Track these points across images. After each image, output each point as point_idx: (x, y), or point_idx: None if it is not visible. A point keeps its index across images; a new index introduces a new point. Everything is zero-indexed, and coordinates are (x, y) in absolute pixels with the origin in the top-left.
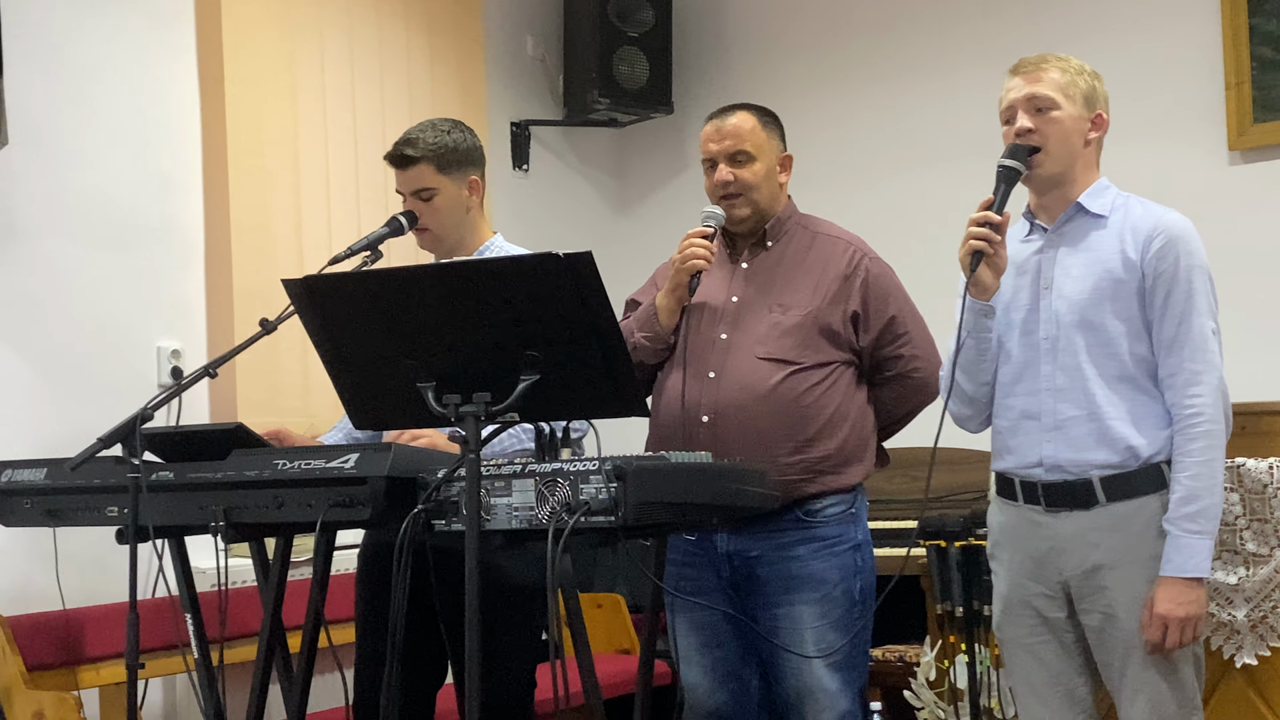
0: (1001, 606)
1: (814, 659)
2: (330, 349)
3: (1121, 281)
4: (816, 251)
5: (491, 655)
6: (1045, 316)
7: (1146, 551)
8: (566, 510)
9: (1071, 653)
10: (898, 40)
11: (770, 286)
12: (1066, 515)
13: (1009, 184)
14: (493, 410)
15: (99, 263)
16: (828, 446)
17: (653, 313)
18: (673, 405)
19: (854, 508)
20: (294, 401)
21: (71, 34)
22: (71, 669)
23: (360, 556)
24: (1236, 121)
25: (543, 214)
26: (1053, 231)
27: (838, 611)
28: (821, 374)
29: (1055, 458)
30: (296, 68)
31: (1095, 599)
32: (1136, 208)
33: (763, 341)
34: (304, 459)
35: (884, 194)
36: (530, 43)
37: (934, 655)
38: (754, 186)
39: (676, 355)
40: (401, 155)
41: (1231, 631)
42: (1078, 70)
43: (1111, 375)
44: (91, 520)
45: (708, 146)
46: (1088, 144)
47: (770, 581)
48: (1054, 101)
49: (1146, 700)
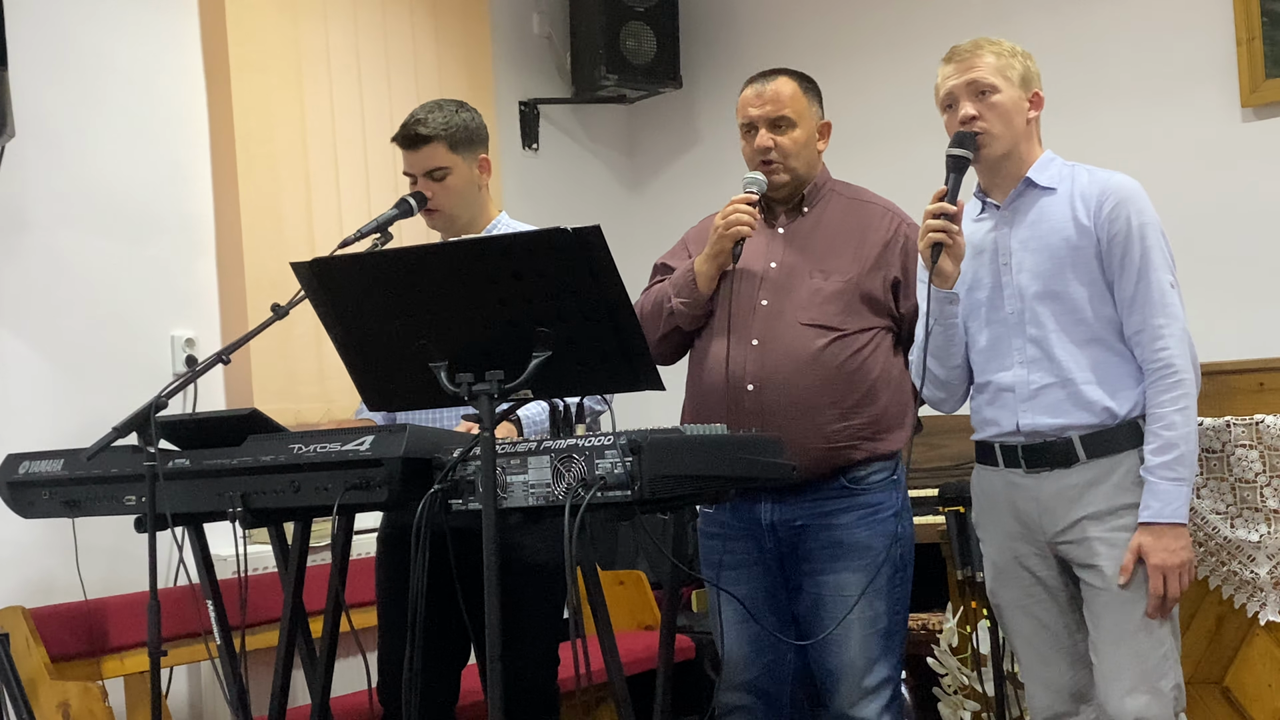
0: (993, 572)
1: (855, 627)
2: (341, 331)
3: (1078, 247)
4: (855, 217)
5: (513, 633)
6: (1009, 292)
7: (1124, 500)
8: (582, 486)
9: (1065, 610)
10: (908, 9)
11: (809, 252)
12: (1047, 474)
13: (960, 173)
14: (506, 388)
15: (110, 253)
16: (872, 412)
17: (691, 278)
18: (716, 373)
19: (896, 474)
20: (309, 386)
21: (76, 25)
22: (95, 659)
23: (379, 540)
24: (1249, 78)
25: (554, 192)
26: (1005, 208)
27: (881, 579)
28: (864, 340)
29: (1034, 424)
30: (302, 53)
31: (1079, 551)
32: (1083, 175)
33: (805, 307)
34: (319, 443)
35: (897, 164)
36: (536, 21)
37: (956, 622)
38: (793, 154)
39: (718, 322)
40: (415, 135)
41: (1255, 589)
42: (1010, 52)
43: (1081, 340)
44: (110, 510)
45: (747, 111)
46: (1028, 122)
47: (815, 550)
48: (993, 85)
49: (1128, 648)
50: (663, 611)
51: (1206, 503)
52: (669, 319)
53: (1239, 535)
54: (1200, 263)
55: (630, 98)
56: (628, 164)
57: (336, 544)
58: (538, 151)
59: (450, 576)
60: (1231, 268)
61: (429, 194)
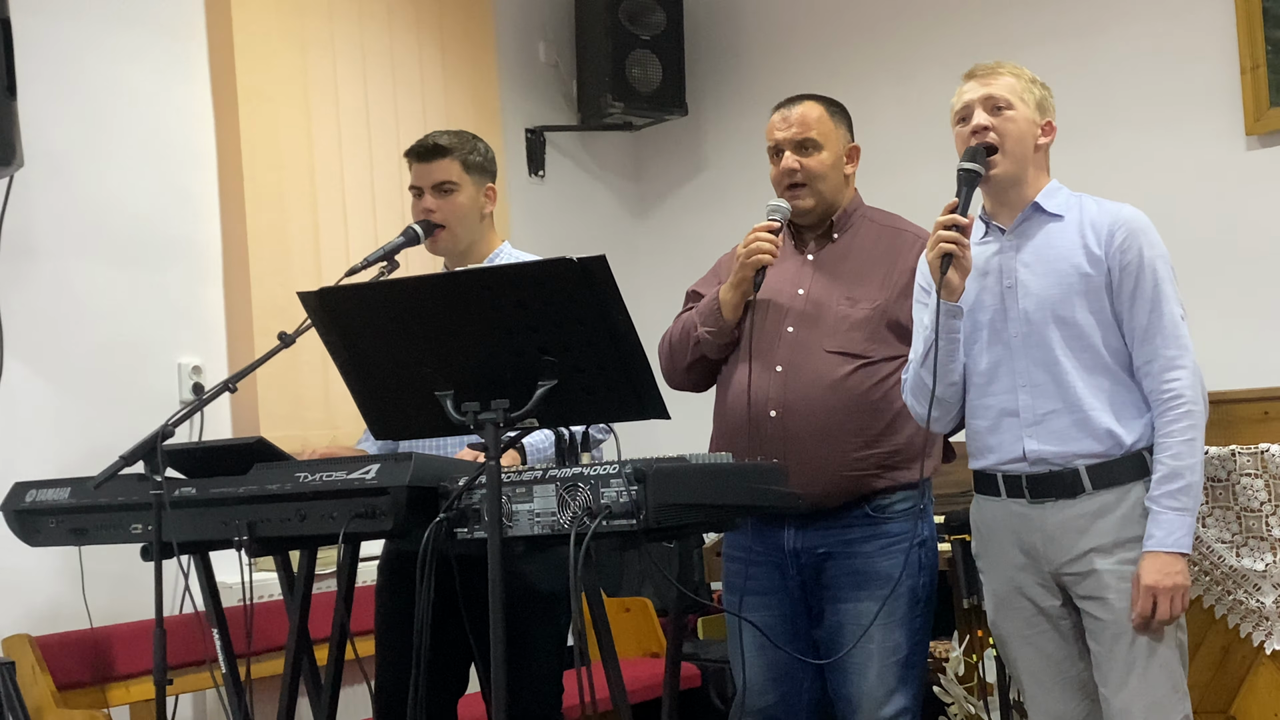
0: (994, 603)
1: (875, 656)
2: (348, 360)
3: (1088, 276)
4: (885, 244)
5: (516, 661)
6: (1014, 315)
7: (1131, 532)
8: (588, 514)
9: (1069, 640)
10: (913, 35)
11: (838, 279)
12: (1052, 505)
13: (970, 186)
14: (511, 416)
15: (117, 281)
16: (897, 441)
17: (716, 306)
18: (739, 400)
19: (922, 503)
20: (316, 414)
21: (84, 54)
22: (101, 687)
23: (379, 568)
24: (1253, 105)
25: (560, 219)
26: (1010, 232)
27: (902, 609)
28: (890, 368)
29: (1039, 451)
30: (309, 82)
31: (1085, 584)
32: (1091, 205)
33: (831, 335)
34: (325, 471)
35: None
36: (543, 49)
37: (962, 650)
38: (820, 175)
39: (742, 349)
40: (434, 146)
41: (1260, 618)
42: (1030, 79)
43: (1088, 366)
44: (116, 538)
45: (774, 134)
46: (1038, 149)
47: (838, 578)
48: (1009, 102)
49: (1138, 680)
50: (668, 639)
51: (1212, 531)
52: (695, 347)
53: (1244, 564)
54: (1205, 290)
55: (636, 125)
56: (634, 191)
57: (342, 572)
58: (544, 179)
59: (448, 605)
60: (1236, 296)
61: (434, 208)
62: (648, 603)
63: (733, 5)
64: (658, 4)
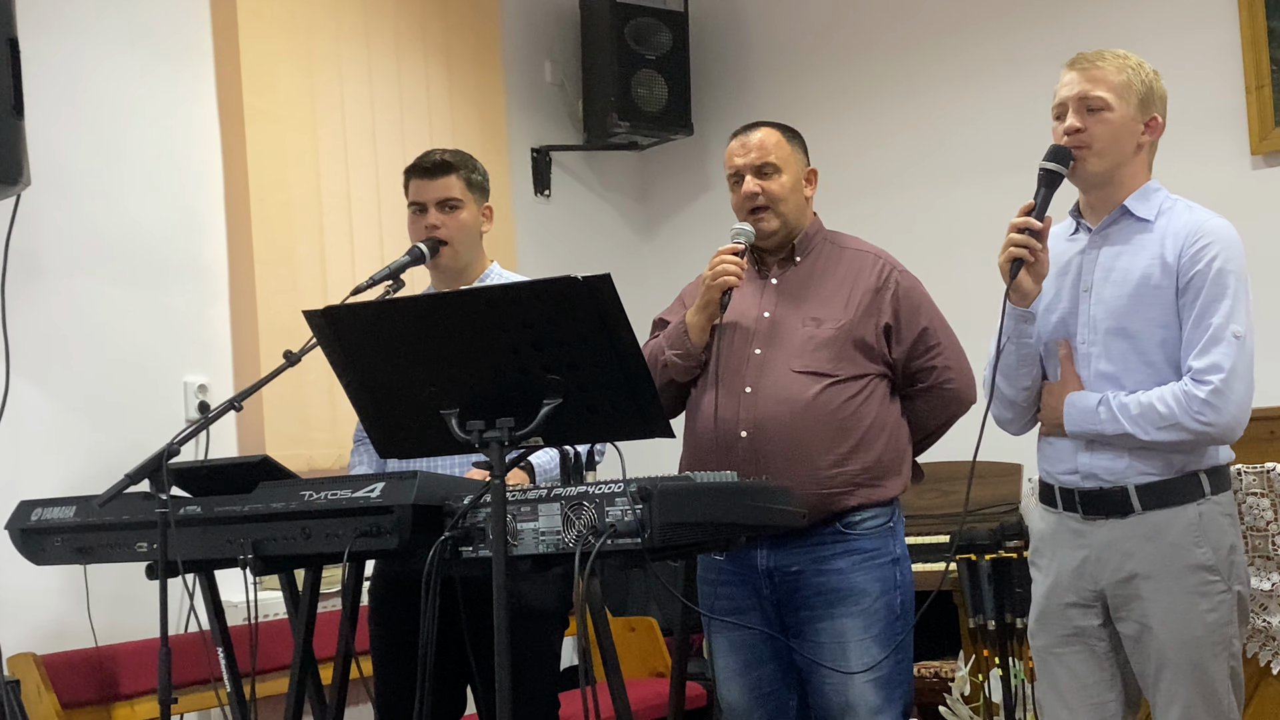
0: (1036, 613)
1: (857, 674)
2: (353, 379)
3: (1160, 288)
4: (846, 265)
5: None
6: (1083, 320)
7: (1182, 561)
8: (593, 533)
9: (1103, 663)
10: (918, 55)
11: (802, 301)
12: (1103, 523)
13: (1050, 188)
14: (516, 435)
15: (124, 300)
16: (866, 459)
17: (683, 330)
18: (708, 423)
19: (892, 521)
20: (322, 433)
21: (92, 74)
22: (106, 706)
23: (371, 592)
24: (1258, 125)
25: (566, 239)
26: (1097, 233)
27: (879, 625)
28: (857, 386)
29: (1090, 466)
30: (316, 102)
31: (1130, 608)
32: (1184, 212)
33: (798, 355)
34: (330, 489)
35: (909, 210)
36: (549, 69)
37: (968, 670)
38: (781, 199)
39: (710, 373)
40: (441, 162)
41: (1267, 638)
42: (1135, 68)
43: (1147, 383)
44: (121, 556)
45: (733, 161)
46: (1139, 148)
47: (811, 596)
48: (1106, 102)
49: (1180, 711)
50: (673, 658)
51: None
52: (664, 371)
53: (1252, 584)
54: None
55: (642, 144)
56: (640, 210)
57: (347, 590)
58: (550, 198)
59: (446, 625)
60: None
61: (439, 224)
62: (653, 622)
63: (738, 26)
64: (663, 24)
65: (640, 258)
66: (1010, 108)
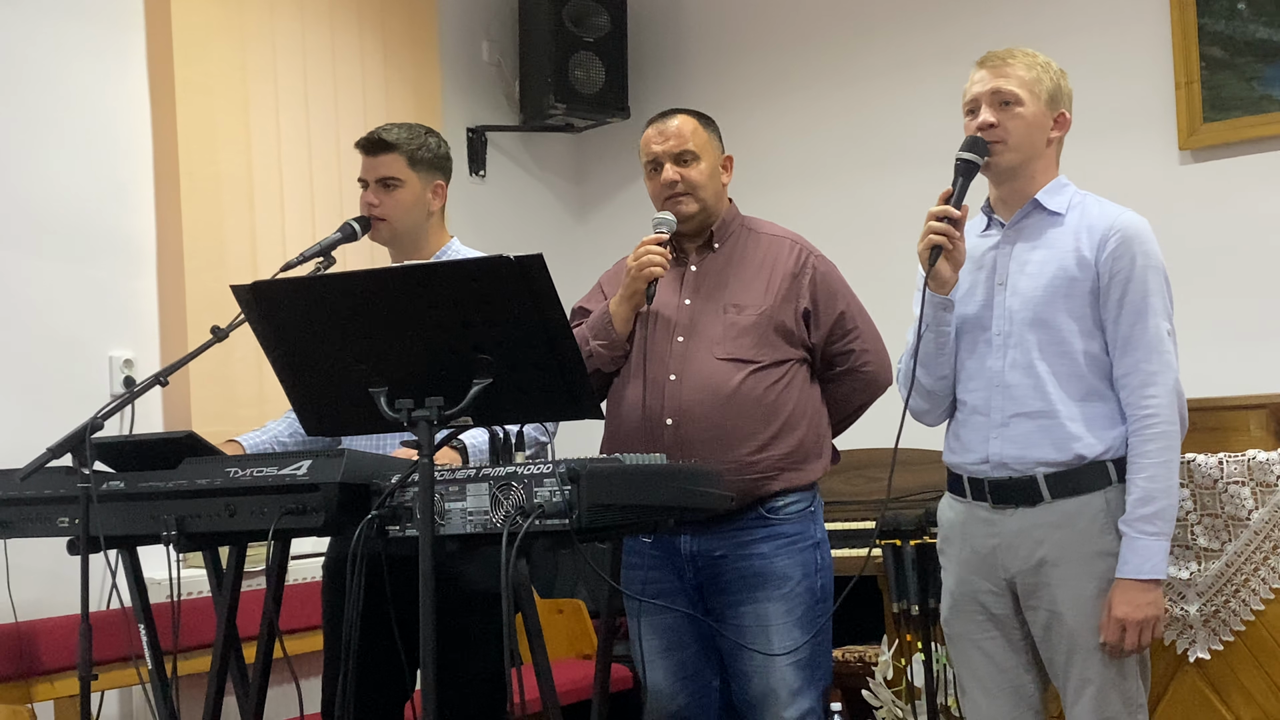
0: (950, 602)
1: (777, 657)
2: (281, 355)
3: (1075, 280)
4: (763, 251)
5: (459, 662)
6: (999, 313)
7: (1090, 548)
8: (520, 514)
9: (1019, 649)
10: (855, 43)
11: (721, 288)
12: (1012, 512)
13: (967, 177)
14: (445, 414)
15: (50, 273)
16: (789, 443)
17: (607, 320)
18: (634, 411)
19: (813, 505)
20: (249, 410)
21: (19, 42)
22: (25, 682)
23: (324, 569)
24: (1187, 121)
25: (501, 220)
26: (1009, 227)
27: (801, 608)
28: (779, 372)
29: (1001, 455)
30: (249, 75)
31: (1040, 595)
32: (1094, 206)
33: (720, 342)
34: (256, 466)
35: (843, 196)
36: (486, 48)
37: (891, 654)
38: (700, 185)
39: (634, 362)
40: (379, 140)
41: (1184, 626)
42: (1044, 66)
43: (1063, 373)
44: (43, 531)
45: (650, 148)
46: (1049, 143)
47: (734, 580)
48: (1018, 97)
49: (1091, 698)
50: (599, 640)
51: None
52: (589, 361)
53: (1170, 573)
54: None
55: (578, 127)
56: (575, 192)
57: (272, 569)
58: (485, 178)
59: (404, 605)
60: None
61: (376, 201)
62: (581, 605)
63: (676, 9)
64: (601, 6)
65: (574, 240)
66: (942, 99)
